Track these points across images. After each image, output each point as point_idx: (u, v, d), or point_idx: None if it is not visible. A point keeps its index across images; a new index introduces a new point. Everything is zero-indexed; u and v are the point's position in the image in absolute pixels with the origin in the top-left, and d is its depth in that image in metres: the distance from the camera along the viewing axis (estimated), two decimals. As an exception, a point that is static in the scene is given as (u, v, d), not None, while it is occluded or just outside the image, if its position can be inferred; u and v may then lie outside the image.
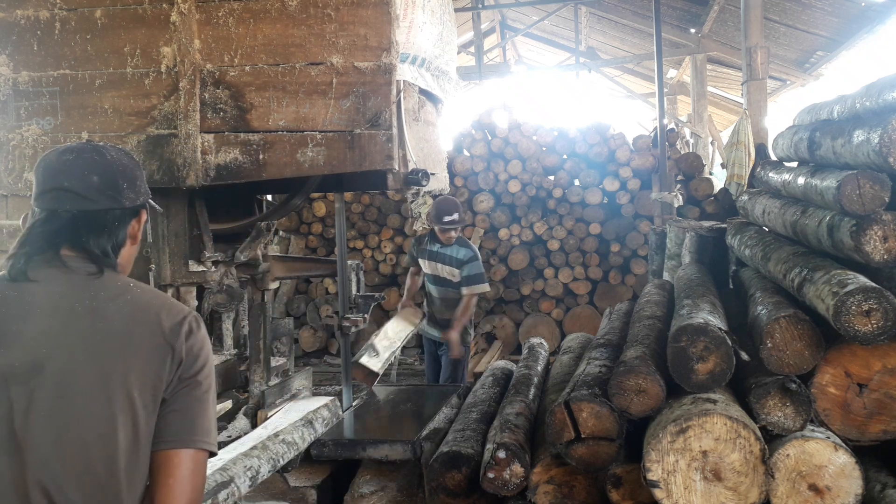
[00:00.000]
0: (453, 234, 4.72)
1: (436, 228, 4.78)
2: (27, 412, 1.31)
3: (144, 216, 1.59)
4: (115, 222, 1.49)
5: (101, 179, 1.47)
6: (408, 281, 5.11)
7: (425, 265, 4.86)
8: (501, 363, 4.04)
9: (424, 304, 5.06)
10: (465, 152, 7.82)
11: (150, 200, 1.62)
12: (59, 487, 1.30)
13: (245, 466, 2.30)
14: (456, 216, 4.70)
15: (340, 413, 3.20)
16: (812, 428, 2.21)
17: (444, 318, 4.76)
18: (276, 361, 3.30)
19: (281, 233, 7.99)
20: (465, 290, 4.69)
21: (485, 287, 4.77)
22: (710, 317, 2.44)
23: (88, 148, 1.51)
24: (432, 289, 4.88)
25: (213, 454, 1.43)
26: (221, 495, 2.15)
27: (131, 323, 1.40)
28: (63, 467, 1.32)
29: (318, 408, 2.99)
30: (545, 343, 4.40)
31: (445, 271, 4.75)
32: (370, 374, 3.72)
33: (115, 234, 1.49)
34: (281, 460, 2.51)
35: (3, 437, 1.31)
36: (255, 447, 2.46)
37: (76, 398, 1.33)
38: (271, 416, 2.90)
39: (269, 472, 2.40)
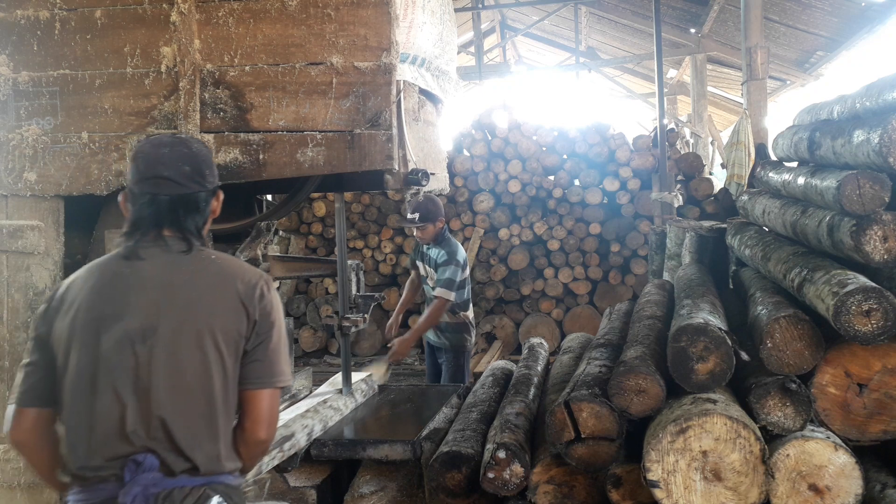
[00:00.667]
0: (418, 233, 4.51)
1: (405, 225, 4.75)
2: (148, 364, 1.67)
3: (221, 195, 1.92)
4: (202, 203, 1.83)
5: (191, 168, 1.79)
6: (404, 291, 5.00)
7: (420, 267, 4.78)
8: (501, 363, 4.04)
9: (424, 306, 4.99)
10: (465, 152, 7.82)
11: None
12: (172, 418, 1.67)
13: (302, 425, 2.76)
14: (416, 215, 4.38)
15: (375, 388, 3.66)
16: (812, 428, 2.21)
17: (440, 322, 4.60)
18: (276, 361, 3.30)
19: (281, 233, 7.99)
20: (437, 292, 4.37)
21: (449, 294, 4.33)
22: (710, 317, 2.44)
23: (178, 142, 1.85)
24: (425, 290, 4.78)
25: (287, 388, 1.90)
26: (286, 445, 2.57)
27: (215, 291, 1.73)
28: (174, 404, 1.67)
29: (357, 381, 3.49)
30: (545, 343, 4.35)
31: (428, 272, 4.64)
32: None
33: (203, 212, 1.84)
34: (329, 422, 2.97)
35: (133, 383, 1.67)
36: (308, 410, 2.92)
37: (181, 353, 1.68)
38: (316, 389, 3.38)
39: (320, 430, 2.87)
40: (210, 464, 1.70)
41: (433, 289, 4.48)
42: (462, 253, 4.55)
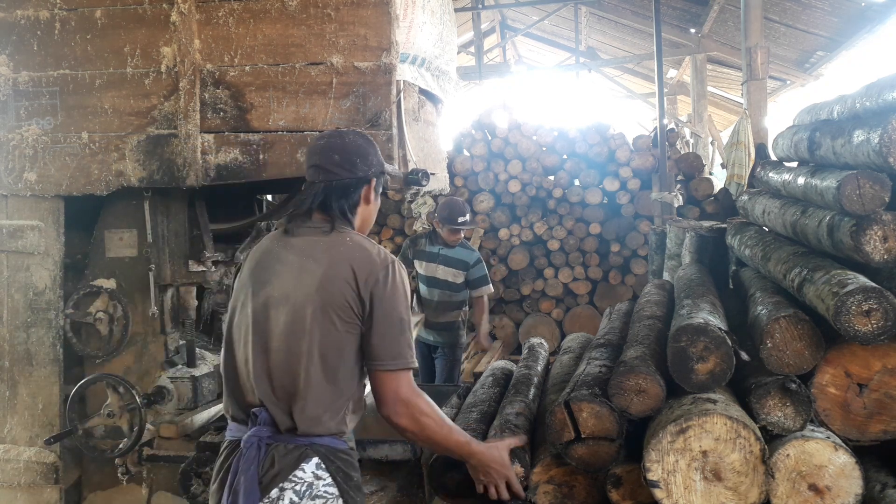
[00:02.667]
0: (462, 235, 4.70)
1: (444, 229, 4.66)
2: (276, 327, 1.90)
3: (374, 182, 2.09)
4: (351, 188, 2.03)
5: (340, 157, 2.00)
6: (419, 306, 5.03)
7: (421, 267, 4.74)
8: (501, 363, 4.03)
9: (415, 307, 4.98)
10: (465, 152, 7.82)
11: (387, 167, 2.16)
12: (280, 378, 1.89)
13: None
14: (468, 217, 4.65)
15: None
16: (812, 428, 2.20)
17: (440, 322, 4.67)
18: (276, 361, 3.30)
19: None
20: (480, 292, 4.71)
21: (491, 288, 4.83)
22: (710, 317, 2.44)
23: (336, 134, 2.08)
24: (427, 291, 4.77)
25: (414, 370, 1.95)
26: None
27: (338, 268, 1.91)
28: (284, 365, 1.89)
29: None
30: (545, 343, 4.37)
31: (448, 273, 4.67)
32: None
33: (351, 197, 2.03)
34: None
35: (263, 343, 1.91)
36: None
37: (301, 320, 1.89)
38: None
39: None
40: (308, 425, 1.87)
41: (457, 288, 4.66)
42: None
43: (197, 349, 3.22)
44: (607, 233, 7.38)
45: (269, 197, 4.04)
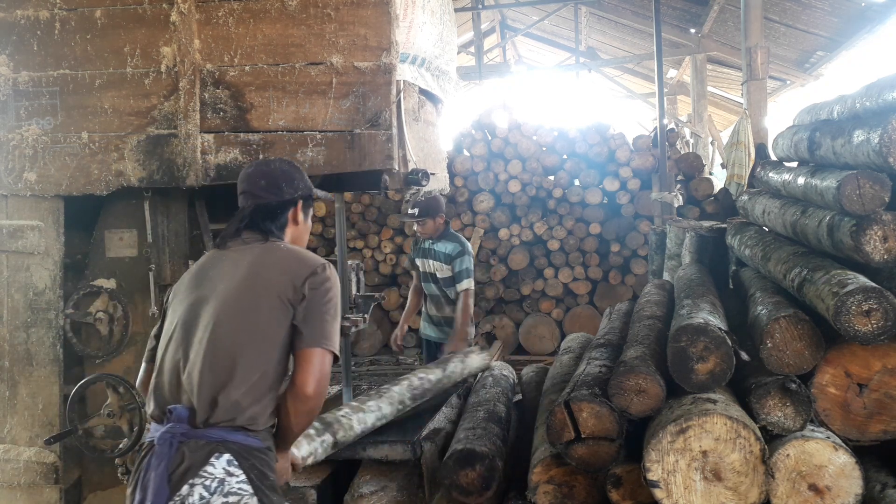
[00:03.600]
0: (419, 228, 4.56)
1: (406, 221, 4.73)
2: (204, 324, 1.98)
3: (301, 204, 2.22)
4: (277, 210, 2.17)
5: (266, 182, 2.17)
6: (409, 299, 4.97)
7: (420, 264, 4.73)
8: (499, 363, 4.04)
9: (422, 309, 4.91)
10: (465, 152, 7.81)
11: (315, 191, 2.33)
12: (204, 371, 1.92)
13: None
14: (416, 210, 4.43)
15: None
16: (812, 428, 2.21)
17: (438, 317, 4.64)
18: (276, 361, 3.30)
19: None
20: (460, 286, 4.43)
21: (472, 283, 4.49)
22: (710, 317, 2.44)
23: (261, 162, 2.28)
24: (426, 287, 4.74)
25: (335, 356, 2.02)
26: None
27: (274, 269, 2.03)
28: (210, 358, 1.93)
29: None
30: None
31: (436, 267, 4.61)
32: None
33: (279, 218, 2.17)
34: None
35: (192, 337, 1.98)
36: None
37: (229, 316, 1.97)
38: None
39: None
40: (228, 413, 1.90)
41: (448, 283, 4.54)
42: (469, 245, 4.71)
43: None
44: (607, 233, 7.37)
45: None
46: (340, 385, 3.59)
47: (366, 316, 3.49)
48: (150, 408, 2.02)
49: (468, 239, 7.63)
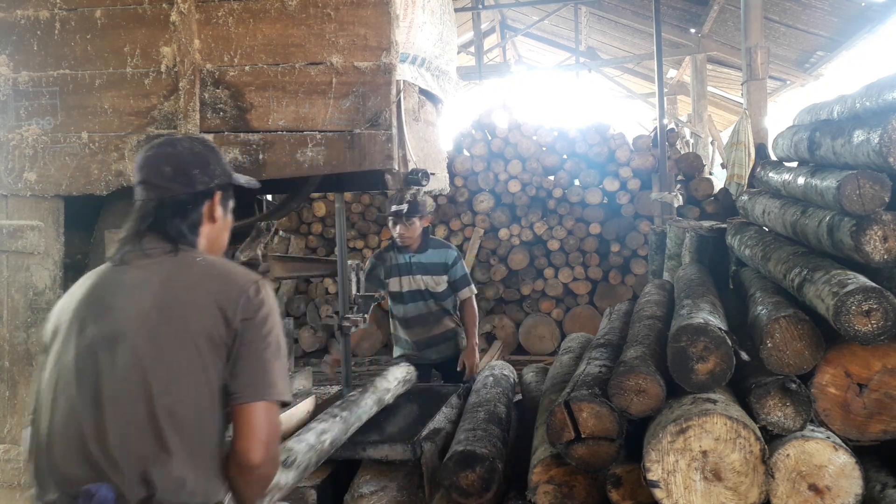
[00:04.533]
0: (403, 229, 4.00)
1: (389, 223, 4.07)
2: (111, 375, 1.51)
3: (219, 196, 1.76)
4: (188, 205, 1.69)
5: (173, 169, 1.67)
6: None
7: (396, 284, 4.12)
8: (499, 363, 4.04)
9: (397, 339, 4.30)
10: (465, 152, 7.82)
11: (235, 177, 1.84)
12: (129, 437, 1.49)
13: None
14: (405, 207, 3.90)
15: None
16: (812, 428, 2.21)
17: (435, 336, 4.17)
18: (276, 361, 3.30)
19: (281, 233, 7.99)
20: (464, 293, 4.17)
21: (473, 287, 4.27)
22: (710, 317, 2.44)
23: (165, 142, 1.73)
24: (412, 308, 4.13)
25: (285, 404, 1.60)
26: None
27: (192, 294, 1.57)
28: (133, 420, 1.49)
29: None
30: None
31: (428, 282, 4.09)
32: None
33: (191, 215, 1.69)
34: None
35: (93, 397, 1.51)
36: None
37: (146, 362, 1.52)
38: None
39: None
40: (172, 491, 1.49)
41: (445, 295, 4.14)
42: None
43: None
44: (607, 233, 7.38)
45: (269, 197, 4.04)
46: (340, 386, 3.60)
47: (366, 316, 3.49)
48: (40, 487, 1.54)
49: (468, 239, 7.65)
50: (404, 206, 3.93)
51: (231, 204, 1.85)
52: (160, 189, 1.67)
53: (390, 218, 4.04)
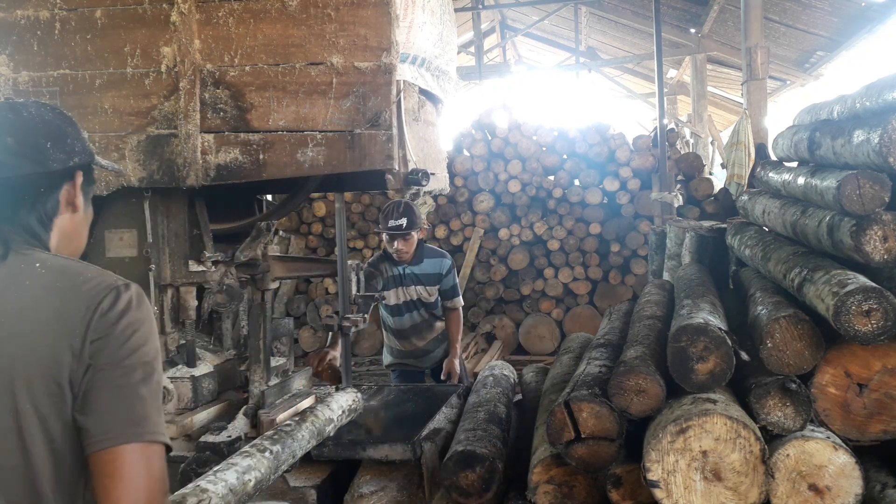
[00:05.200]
0: (402, 244, 3.91)
1: (385, 238, 3.98)
2: None
3: (80, 178, 1.33)
4: (39, 188, 1.27)
5: (16, 140, 1.24)
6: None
7: (392, 296, 4.07)
8: (499, 363, 4.04)
9: (389, 348, 4.26)
10: (465, 152, 7.82)
11: (97, 159, 1.40)
12: None
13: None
14: (403, 221, 3.81)
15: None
16: (812, 428, 2.21)
17: (428, 343, 4.17)
18: (276, 361, 3.30)
19: (281, 233, 8.00)
20: (454, 303, 4.12)
21: (461, 299, 4.21)
22: (710, 317, 2.44)
23: (4, 107, 1.32)
24: (401, 321, 4.11)
25: (168, 447, 1.20)
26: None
27: (31, 312, 1.16)
28: None
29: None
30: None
31: (423, 292, 4.09)
32: None
33: (43, 203, 1.27)
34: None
35: None
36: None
37: None
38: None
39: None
40: None
41: (436, 304, 4.12)
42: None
43: (196, 349, 3.22)
44: (607, 233, 7.38)
45: (269, 197, 4.04)
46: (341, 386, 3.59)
47: (366, 316, 3.49)
48: None
49: (468, 239, 7.65)
50: (402, 222, 3.83)
51: (93, 191, 1.39)
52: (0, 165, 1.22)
53: (387, 233, 3.91)
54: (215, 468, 1.89)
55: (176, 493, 1.66)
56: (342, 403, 2.75)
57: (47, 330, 1.15)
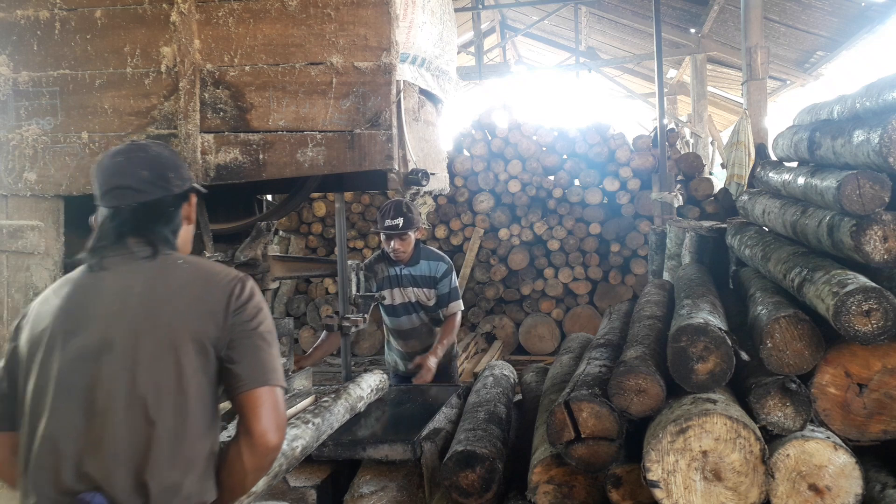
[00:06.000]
0: (398, 244, 3.88)
1: (382, 238, 3.96)
2: (102, 383, 1.52)
3: (194, 198, 1.79)
4: (169, 208, 1.72)
5: (150, 173, 1.68)
6: (325, 342, 3.87)
7: (388, 296, 4.03)
8: (499, 363, 4.04)
9: (390, 347, 4.23)
10: (465, 152, 7.82)
11: (194, 184, 1.82)
12: (123, 445, 1.50)
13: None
14: (399, 221, 3.78)
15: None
16: (812, 428, 2.21)
17: (422, 349, 4.07)
18: (276, 361, 3.30)
19: (281, 233, 7.99)
20: (452, 308, 4.03)
21: (461, 304, 4.11)
22: (710, 317, 2.44)
23: (134, 147, 1.74)
24: (398, 322, 4.07)
25: (285, 389, 1.71)
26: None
27: (179, 296, 1.59)
28: (128, 428, 1.51)
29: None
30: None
31: (420, 294, 4.03)
32: None
33: (171, 218, 1.72)
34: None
35: (84, 406, 1.52)
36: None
37: (139, 369, 1.53)
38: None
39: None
40: (166, 497, 1.50)
41: (435, 308, 4.05)
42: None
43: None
44: (607, 233, 7.38)
45: (269, 197, 4.04)
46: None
47: (366, 316, 3.49)
48: (28, 498, 1.54)
49: (468, 239, 7.65)
50: (399, 221, 3.82)
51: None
52: (140, 193, 1.67)
53: (383, 233, 3.91)
54: None
55: None
56: (371, 383, 3.10)
57: (193, 308, 1.58)
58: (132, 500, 1.49)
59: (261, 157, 2.89)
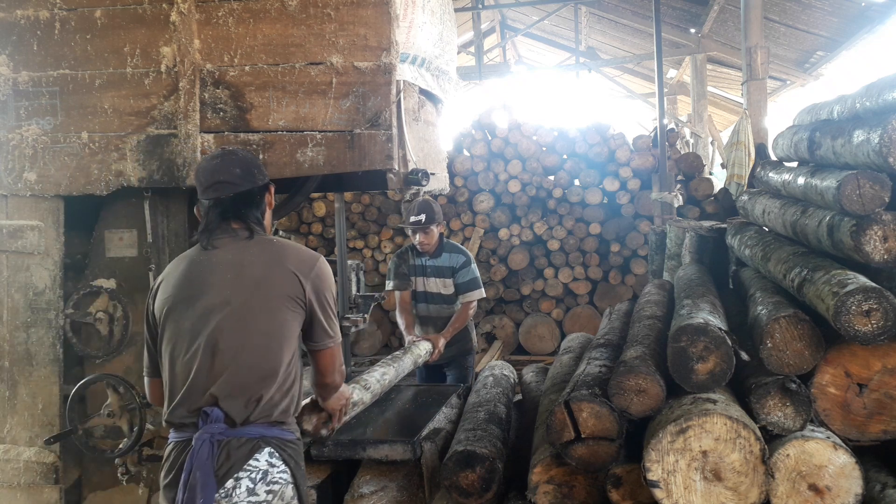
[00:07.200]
0: (423, 237, 4.20)
1: (409, 232, 4.28)
2: (222, 330, 2.04)
3: (273, 188, 2.27)
4: (258, 196, 2.20)
5: (241, 170, 2.16)
6: (400, 313, 4.33)
7: (414, 282, 4.34)
8: (499, 363, 4.04)
9: (416, 330, 4.40)
10: (465, 152, 7.81)
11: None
12: (235, 374, 2.03)
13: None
14: (422, 216, 4.13)
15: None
16: (812, 428, 2.21)
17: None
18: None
19: (281, 233, 7.99)
20: (468, 297, 4.25)
21: (481, 293, 4.35)
22: (710, 317, 2.44)
23: (226, 151, 2.24)
24: (425, 308, 4.35)
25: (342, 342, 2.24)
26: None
27: (275, 267, 2.10)
28: (238, 363, 2.04)
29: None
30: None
31: (439, 284, 4.29)
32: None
33: (260, 204, 2.21)
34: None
35: (210, 347, 2.04)
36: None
37: (248, 319, 2.05)
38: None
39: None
40: (265, 413, 2.04)
41: (454, 298, 4.25)
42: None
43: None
44: (607, 233, 7.37)
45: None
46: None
47: (366, 316, 3.49)
48: (173, 416, 2.07)
49: (468, 239, 7.65)
50: (422, 217, 4.17)
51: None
52: (235, 186, 2.14)
53: (409, 227, 4.27)
54: (364, 374, 3.04)
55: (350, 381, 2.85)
56: (425, 347, 3.90)
57: (285, 275, 2.10)
58: (241, 413, 2.01)
59: (261, 156, 2.89)
